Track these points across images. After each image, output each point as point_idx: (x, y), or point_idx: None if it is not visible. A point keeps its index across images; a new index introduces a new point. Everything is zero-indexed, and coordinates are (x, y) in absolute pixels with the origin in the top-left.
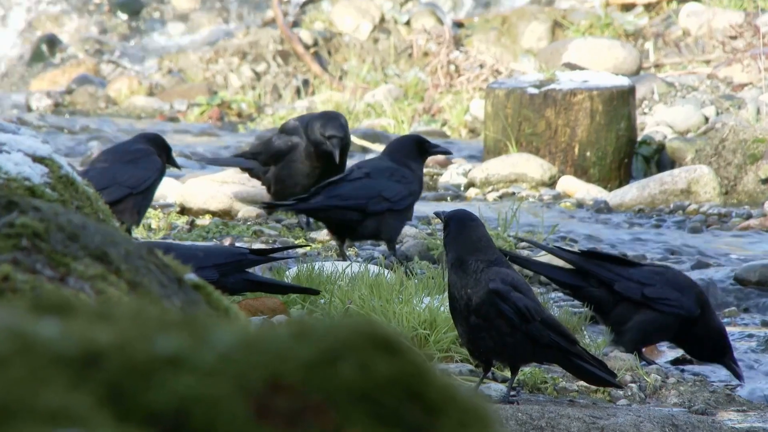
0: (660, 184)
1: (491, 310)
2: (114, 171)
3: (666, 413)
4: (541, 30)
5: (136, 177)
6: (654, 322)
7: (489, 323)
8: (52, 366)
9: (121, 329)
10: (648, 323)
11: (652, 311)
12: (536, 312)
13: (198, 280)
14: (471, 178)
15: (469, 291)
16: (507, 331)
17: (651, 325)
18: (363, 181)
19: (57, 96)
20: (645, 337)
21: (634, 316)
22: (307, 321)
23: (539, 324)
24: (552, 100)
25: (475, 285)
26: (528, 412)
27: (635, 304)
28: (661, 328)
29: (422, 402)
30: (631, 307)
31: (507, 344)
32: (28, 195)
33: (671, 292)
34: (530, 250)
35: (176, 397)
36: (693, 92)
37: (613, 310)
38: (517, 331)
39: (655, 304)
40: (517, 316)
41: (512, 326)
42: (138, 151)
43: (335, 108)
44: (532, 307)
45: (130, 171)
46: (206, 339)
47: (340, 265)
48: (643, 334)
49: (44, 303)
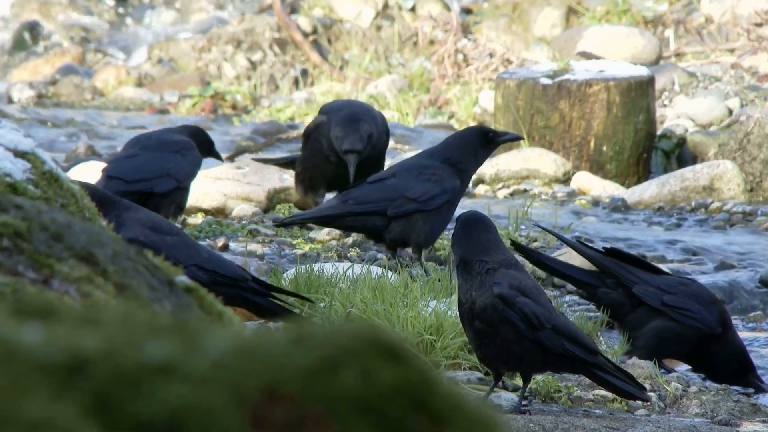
0: (681, 181)
1: (495, 316)
2: (163, 161)
3: (687, 424)
4: (554, 17)
5: (185, 170)
6: (672, 331)
7: (493, 329)
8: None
9: (109, 335)
10: (665, 332)
11: (671, 320)
12: (546, 319)
13: (190, 282)
14: (480, 174)
15: (473, 294)
16: (513, 339)
17: (668, 334)
18: (385, 183)
19: (40, 87)
20: (661, 346)
21: (651, 323)
22: (306, 326)
23: (550, 331)
24: (566, 91)
25: (480, 288)
26: (540, 423)
27: (653, 311)
28: (679, 339)
29: (428, 412)
30: (650, 313)
31: (513, 352)
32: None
33: (693, 304)
34: (542, 250)
35: (167, 407)
36: (716, 83)
37: (629, 314)
38: (524, 338)
39: (674, 314)
40: (524, 322)
41: (518, 333)
42: (182, 143)
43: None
44: (542, 313)
45: (180, 163)
46: (199, 345)
47: (341, 266)
48: (659, 342)
49: (26, 307)
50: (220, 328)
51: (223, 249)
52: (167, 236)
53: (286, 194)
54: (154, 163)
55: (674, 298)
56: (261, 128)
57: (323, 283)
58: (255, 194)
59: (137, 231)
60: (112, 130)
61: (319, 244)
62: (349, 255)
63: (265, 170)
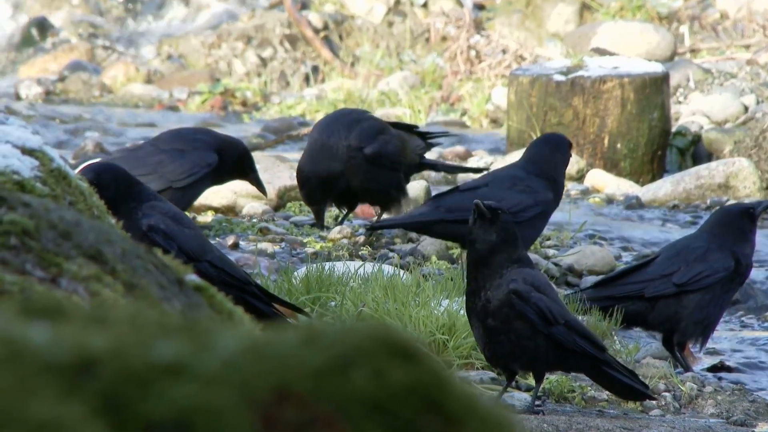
0: (696, 179)
1: (510, 312)
2: (159, 158)
3: (702, 425)
4: (568, 12)
5: (179, 170)
6: (702, 302)
7: (507, 326)
8: (43, 374)
9: (117, 334)
10: (700, 307)
11: (695, 294)
12: (560, 314)
13: (200, 281)
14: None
15: (488, 292)
16: (526, 335)
17: (704, 307)
18: (476, 192)
19: (48, 83)
20: (706, 320)
21: (682, 311)
22: (316, 325)
23: (563, 327)
24: (580, 87)
25: (495, 286)
26: (554, 423)
27: (674, 299)
28: (713, 302)
29: (441, 413)
30: (673, 302)
31: (526, 348)
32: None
33: (698, 265)
34: (556, 249)
35: (176, 407)
36: (731, 79)
37: (655, 315)
38: (538, 334)
39: (691, 287)
40: (539, 317)
41: (533, 329)
42: (195, 141)
43: (347, 97)
44: (556, 309)
45: (177, 161)
46: (208, 345)
47: (352, 265)
48: (703, 317)
49: (34, 306)
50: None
51: (233, 247)
52: (186, 228)
53: (296, 192)
54: (146, 160)
55: (680, 275)
56: (271, 125)
57: (334, 282)
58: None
59: (158, 219)
60: (120, 127)
61: (330, 243)
62: (361, 253)
63: (276, 168)
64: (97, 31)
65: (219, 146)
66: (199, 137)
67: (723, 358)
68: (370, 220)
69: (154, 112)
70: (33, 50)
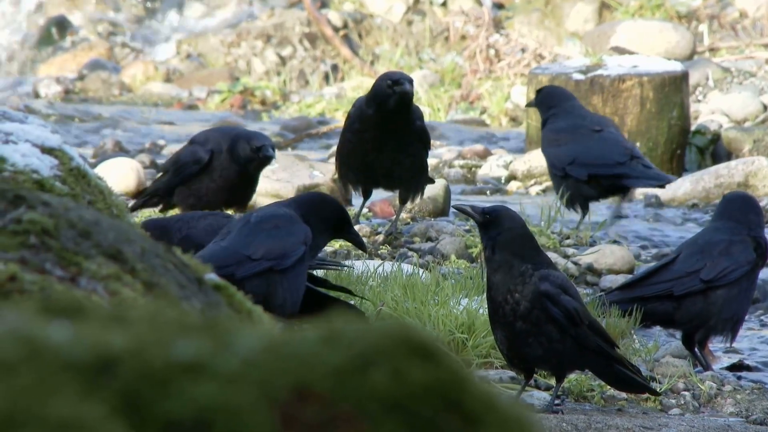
0: (715, 177)
1: (541, 315)
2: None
3: (722, 423)
4: (587, 11)
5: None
6: (730, 297)
7: (538, 329)
8: (63, 373)
9: (137, 333)
10: (729, 303)
11: (722, 289)
12: (584, 316)
13: (219, 280)
14: (512, 170)
15: (516, 296)
16: (557, 337)
17: (732, 302)
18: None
19: (67, 82)
20: (735, 316)
21: (711, 308)
22: (336, 324)
23: (586, 328)
24: (599, 86)
25: (523, 288)
26: (573, 422)
27: (702, 295)
28: (740, 296)
29: (460, 412)
30: (701, 299)
31: (556, 351)
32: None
33: (723, 260)
34: (575, 248)
35: (196, 406)
36: (751, 78)
37: (683, 313)
38: (566, 336)
39: (720, 282)
40: (567, 319)
41: (562, 331)
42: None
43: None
44: (581, 310)
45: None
46: (228, 344)
47: (372, 264)
48: (732, 314)
49: (54, 305)
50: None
51: None
52: None
53: (316, 190)
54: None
55: (707, 271)
56: (290, 124)
57: (353, 281)
58: (285, 191)
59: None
60: (139, 126)
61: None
62: (380, 252)
63: (295, 167)
64: (116, 30)
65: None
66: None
67: (742, 357)
68: (389, 220)
69: (173, 111)
70: (52, 49)
